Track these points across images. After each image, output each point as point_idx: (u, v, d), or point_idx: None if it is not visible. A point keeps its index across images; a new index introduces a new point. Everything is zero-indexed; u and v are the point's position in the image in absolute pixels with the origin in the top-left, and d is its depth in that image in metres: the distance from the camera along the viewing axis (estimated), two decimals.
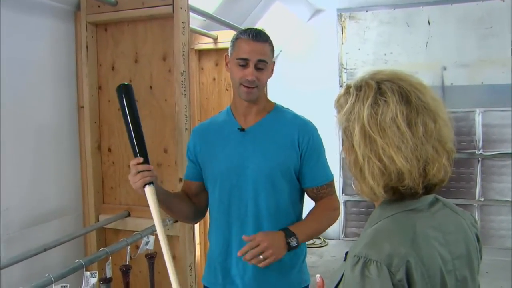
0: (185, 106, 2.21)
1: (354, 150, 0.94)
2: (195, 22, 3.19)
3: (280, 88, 5.06)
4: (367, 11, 5.09)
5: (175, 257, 2.34)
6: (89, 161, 2.38)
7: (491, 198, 4.79)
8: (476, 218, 4.63)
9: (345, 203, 5.24)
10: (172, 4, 2.17)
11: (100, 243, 2.42)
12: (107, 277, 1.76)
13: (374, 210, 1.02)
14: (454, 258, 0.96)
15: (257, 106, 1.67)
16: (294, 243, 1.52)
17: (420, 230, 0.93)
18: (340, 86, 5.07)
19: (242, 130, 1.66)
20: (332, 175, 1.72)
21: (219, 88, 3.47)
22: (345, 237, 5.29)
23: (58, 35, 2.31)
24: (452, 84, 4.87)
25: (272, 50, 1.66)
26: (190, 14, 2.55)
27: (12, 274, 1.98)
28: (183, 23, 2.19)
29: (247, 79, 1.58)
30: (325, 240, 5.22)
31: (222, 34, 3.28)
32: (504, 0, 4.53)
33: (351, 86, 0.98)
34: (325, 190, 1.69)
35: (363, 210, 5.20)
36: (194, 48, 3.40)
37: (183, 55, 2.19)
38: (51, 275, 1.50)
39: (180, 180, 2.20)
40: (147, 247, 2.05)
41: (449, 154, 0.96)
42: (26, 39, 2.14)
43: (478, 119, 4.79)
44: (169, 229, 2.24)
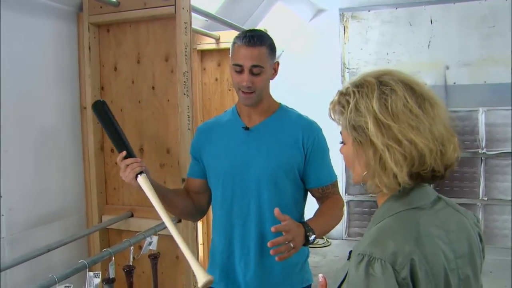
0: (187, 106, 2.21)
1: (371, 143, 0.94)
2: (197, 22, 3.19)
3: (282, 88, 5.04)
4: (369, 11, 5.08)
5: (178, 257, 2.34)
6: (92, 161, 2.39)
7: (494, 197, 4.78)
8: (480, 217, 4.68)
9: (348, 203, 5.24)
10: (174, 5, 2.17)
11: (104, 244, 2.42)
12: (110, 277, 1.76)
13: (377, 209, 1.02)
14: (457, 257, 0.96)
15: (261, 107, 1.67)
16: (312, 237, 1.49)
17: (424, 228, 0.93)
18: None
19: (246, 129, 1.66)
20: (336, 176, 1.72)
21: (221, 89, 3.47)
22: (348, 237, 5.28)
23: (60, 36, 2.32)
24: (455, 83, 4.86)
25: (271, 52, 1.62)
26: (192, 14, 2.55)
27: (16, 274, 1.99)
28: (185, 23, 2.19)
29: (243, 85, 1.58)
30: (328, 240, 5.21)
31: (224, 34, 3.29)
32: None
33: (349, 87, 0.99)
34: (330, 190, 1.69)
35: (366, 210, 5.19)
36: (196, 48, 3.40)
37: (185, 55, 2.19)
38: (55, 275, 1.50)
39: (183, 180, 2.20)
40: (150, 248, 2.05)
41: (456, 136, 0.99)
42: (29, 40, 2.15)
43: (481, 118, 4.78)
44: None
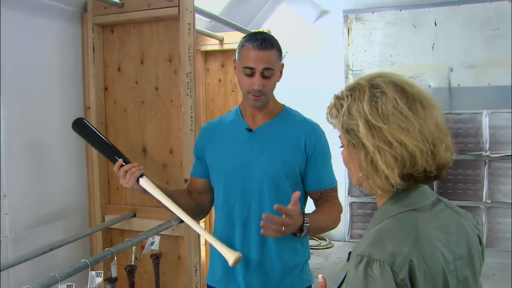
0: (190, 107, 2.22)
1: (363, 145, 0.95)
2: (201, 23, 3.20)
3: (286, 89, 5.03)
4: (373, 13, 5.08)
5: (180, 257, 2.35)
6: (95, 161, 2.40)
7: (498, 200, 4.76)
8: (483, 220, 4.68)
9: (350, 204, 5.23)
10: (178, 6, 2.18)
11: (106, 243, 2.43)
12: (112, 277, 1.77)
13: (377, 210, 1.03)
14: (456, 258, 0.96)
15: (265, 109, 1.68)
16: (304, 232, 1.49)
17: (423, 230, 0.94)
18: None
19: (249, 130, 1.66)
20: (336, 182, 1.72)
21: (225, 90, 3.48)
22: (350, 238, 5.28)
23: (65, 37, 2.33)
24: (459, 85, 4.85)
25: (280, 54, 1.64)
26: (196, 15, 2.56)
27: (19, 273, 2.00)
28: (188, 24, 2.19)
29: (254, 88, 1.58)
30: (330, 241, 5.21)
31: (228, 35, 3.30)
32: (511, 1, 4.50)
33: (343, 91, 1.00)
34: (329, 194, 1.69)
35: (369, 211, 5.19)
36: (200, 49, 3.41)
37: (189, 56, 2.20)
38: (57, 274, 1.50)
39: (186, 181, 2.21)
40: (152, 247, 2.05)
41: (449, 135, 0.98)
42: (33, 40, 2.16)
43: (485, 121, 4.76)
44: (174, 229, 2.26)
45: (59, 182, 2.32)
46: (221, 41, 3.32)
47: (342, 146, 1.05)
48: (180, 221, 2.23)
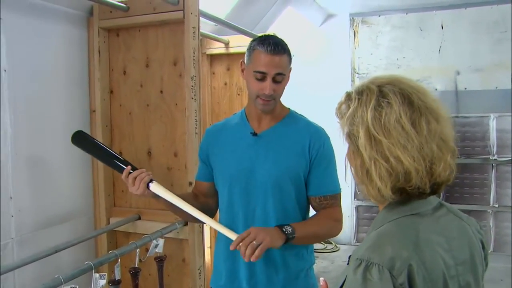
0: (195, 110, 2.23)
1: (360, 153, 0.95)
2: (206, 26, 3.21)
3: (292, 93, 5.01)
4: (379, 16, 5.07)
5: (184, 260, 2.35)
6: (100, 164, 2.41)
7: (505, 204, 4.70)
8: (490, 224, 4.63)
9: (357, 208, 5.22)
10: (183, 10, 2.20)
11: (111, 246, 2.44)
12: (116, 279, 1.78)
13: (378, 214, 1.03)
14: (457, 263, 0.96)
15: (272, 113, 1.67)
16: (289, 230, 1.49)
17: (424, 234, 0.93)
18: None
19: (254, 134, 1.66)
20: (339, 188, 1.68)
21: (230, 93, 3.49)
22: (357, 242, 5.25)
23: (71, 40, 2.36)
24: (465, 89, 4.81)
25: (290, 59, 1.63)
26: (202, 19, 2.57)
27: (25, 275, 2.02)
28: (193, 28, 2.21)
29: (265, 93, 1.57)
30: (336, 245, 5.20)
31: (233, 39, 3.31)
32: None
33: (352, 92, 1.00)
34: (328, 201, 1.66)
35: (375, 215, 5.09)
36: (205, 52, 3.42)
37: (194, 60, 2.21)
38: (61, 276, 1.52)
39: (190, 184, 2.22)
40: (157, 250, 2.06)
41: (452, 153, 0.97)
42: (39, 44, 2.19)
43: (493, 124, 4.72)
44: (178, 232, 2.26)
45: (64, 185, 2.34)
46: (226, 44, 3.33)
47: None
48: (184, 224, 2.24)
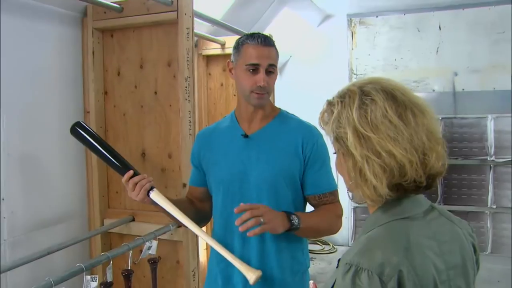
0: (189, 111, 2.22)
1: (351, 154, 0.94)
2: (202, 27, 3.20)
3: (289, 94, 5.05)
4: (377, 17, 5.06)
5: (178, 262, 2.34)
6: (94, 165, 2.40)
7: (503, 205, 4.70)
8: (488, 226, 4.62)
9: (354, 209, 5.20)
10: (177, 11, 2.19)
11: (105, 248, 2.43)
12: (108, 281, 1.76)
13: (368, 217, 1.01)
14: (448, 268, 0.94)
15: (262, 112, 1.65)
16: (296, 220, 1.48)
17: (414, 239, 0.92)
18: None
19: (245, 136, 1.64)
20: (336, 185, 1.67)
21: (226, 94, 3.48)
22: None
23: (65, 41, 2.34)
24: (463, 90, 4.81)
25: (278, 54, 1.64)
26: (198, 20, 2.56)
27: (18, 277, 2.00)
28: (187, 29, 2.20)
29: (259, 85, 1.56)
30: (334, 246, 5.18)
31: (229, 39, 3.29)
32: None
33: (334, 97, 0.99)
34: (328, 198, 1.64)
35: None
36: (202, 53, 3.42)
37: (187, 60, 2.20)
38: (51, 278, 1.50)
39: (184, 185, 2.20)
40: (150, 252, 2.05)
41: (442, 144, 0.96)
42: (33, 44, 2.17)
43: (490, 125, 4.71)
44: (172, 234, 2.25)
45: (58, 186, 2.32)
46: (222, 45, 3.32)
47: (335, 153, 1.04)
48: (178, 225, 2.23)
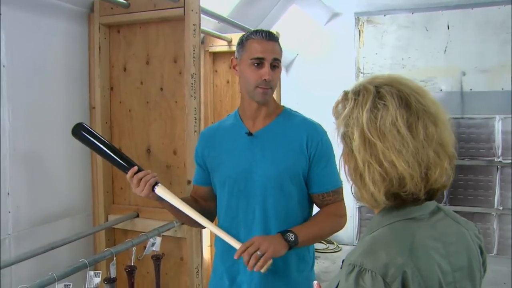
0: (194, 108, 2.21)
1: (354, 156, 0.93)
2: (209, 24, 3.19)
3: (296, 92, 5.05)
4: (385, 15, 5.02)
5: (182, 258, 2.34)
6: (99, 161, 2.40)
7: (509, 207, 4.65)
8: (494, 227, 4.58)
9: (359, 208, 5.18)
10: (184, 7, 2.18)
11: (109, 243, 2.43)
12: (112, 277, 1.76)
13: (373, 218, 1.00)
14: (454, 270, 0.93)
15: (266, 109, 1.64)
16: (291, 237, 1.49)
17: (419, 240, 0.91)
18: None
19: (250, 134, 1.63)
20: (341, 182, 1.65)
21: (233, 91, 3.47)
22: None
23: (71, 37, 2.34)
24: (471, 90, 4.77)
25: (281, 50, 1.64)
26: (205, 16, 2.55)
27: (22, 271, 2.01)
28: (194, 25, 2.19)
29: (264, 79, 1.55)
30: (338, 245, 5.17)
31: (236, 36, 3.27)
32: None
33: (349, 92, 0.97)
34: (331, 197, 1.64)
35: None
36: (208, 50, 3.41)
37: (194, 57, 2.19)
38: (54, 273, 1.50)
39: (189, 182, 2.20)
40: (153, 249, 2.05)
41: (450, 159, 0.93)
42: (40, 40, 2.18)
43: (498, 126, 4.67)
44: (176, 231, 2.25)
45: (63, 181, 2.33)
46: (229, 42, 3.31)
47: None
48: (181, 223, 2.23)
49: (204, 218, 1.57)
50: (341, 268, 0.95)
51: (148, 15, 2.27)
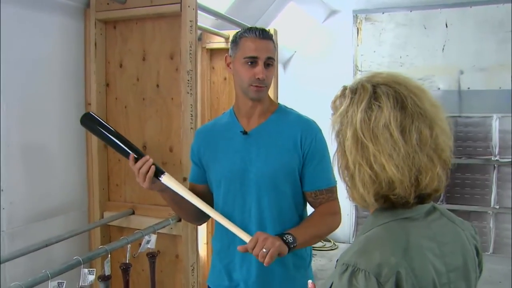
0: (190, 105, 2.20)
1: (346, 156, 0.92)
2: (207, 21, 3.18)
3: (294, 89, 5.03)
4: (383, 13, 5.01)
5: (178, 256, 2.33)
6: (95, 157, 2.39)
7: (506, 205, 4.66)
8: (491, 226, 4.59)
9: (356, 206, 5.17)
10: (180, 3, 2.16)
11: (105, 240, 2.42)
12: (106, 274, 1.75)
13: (368, 217, 1.00)
14: (449, 270, 0.92)
15: (261, 107, 1.63)
16: (290, 239, 1.47)
17: (414, 240, 0.90)
18: None
19: (244, 133, 1.63)
20: (335, 181, 1.64)
21: (229, 88, 3.45)
22: None
23: (67, 32, 2.33)
24: (469, 88, 4.76)
25: (276, 48, 1.64)
26: (202, 13, 2.53)
27: (16, 268, 2.00)
28: (190, 21, 2.17)
29: (258, 77, 1.55)
30: (335, 243, 5.17)
31: (233, 33, 3.24)
32: None
33: (347, 88, 0.96)
34: (324, 195, 1.63)
35: None
36: (205, 47, 3.39)
37: (190, 54, 2.18)
38: (48, 271, 1.49)
39: (184, 179, 2.19)
40: (149, 246, 2.04)
41: (445, 164, 0.92)
42: (35, 35, 2.16)
43: (495, 125, 4.67)
44: (172, 228, 2.24)
45: (58, 178, 2.32)
46: (226, 39, 3.29)
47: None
48: (178, 219, 2.22)
49: (212, 208, 1.58)
50: (335, 268, 0.94)
51: (144, 11, 2.26)
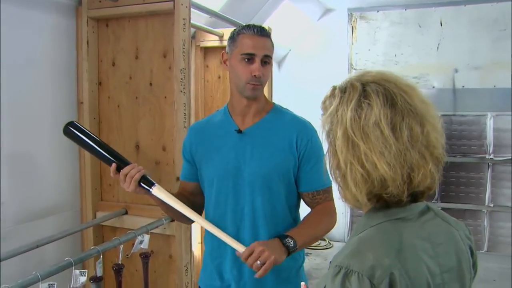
0: (184, 104, 2.18)
1: (337, 155, 0.91)
2: (201, 19, 3.16)
3: (288, 87, 5.02)
4: (378, 11, 5.01)
5: (171, 256, 2.32)
6: (87, 157, 2.36)
7: (501, 204, 4.68)
8: (485, 224, 4.60)
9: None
10: (173, 0, 2.14)
11: (97, 241, 2.40)
12: (98, 276, 1.73)
13: (361, 218, 0.98)
14: (443, 271, 0.91)
15: (256, 106, 1.62)
16: (291, 243, 1.47)
17: (407, 240, 0.89)
18: None
19: (239, 131, 1.61)
20: (330, 181, 1.63)
21: (224, 86, 3.44)
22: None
23: (59, 30, 2.30)
24: (463, 87, 4.77)
25: (273, 46, 1.62)
26: (196, 11, 2.51)
27: (8, 269, 1.96)
28: (183, 19, 2.15)
29: (254, 75, 1.53)
30: (330, 242, 5.17)
31: (227, 31, 3.23)
32: None
33: (337, 88, 0.94)
34: (321, 196, 1.63)
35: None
36: (199, 45, 3.37)
37: (183, 52, 2.16)
38: (38, 273, 1.47)
39: (177, 178, 2.17)
40: (142, 246, 2.02)
41: (438, 161, 0.91)
42: (27, 33, 2.13)
43: (490, 123, 4.68)
44: (165, 228, 2.22)
45: (50, 178, 2.29)
46: (221, 37, 3.28)
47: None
48: (171, 219, 2.20)
49: (205, 220, 1.57)
50: (328, 269, 0.93)
51: (137, 8, 2.23)
